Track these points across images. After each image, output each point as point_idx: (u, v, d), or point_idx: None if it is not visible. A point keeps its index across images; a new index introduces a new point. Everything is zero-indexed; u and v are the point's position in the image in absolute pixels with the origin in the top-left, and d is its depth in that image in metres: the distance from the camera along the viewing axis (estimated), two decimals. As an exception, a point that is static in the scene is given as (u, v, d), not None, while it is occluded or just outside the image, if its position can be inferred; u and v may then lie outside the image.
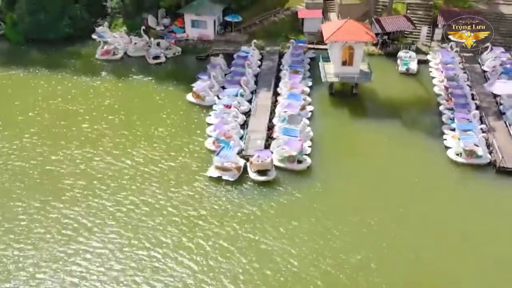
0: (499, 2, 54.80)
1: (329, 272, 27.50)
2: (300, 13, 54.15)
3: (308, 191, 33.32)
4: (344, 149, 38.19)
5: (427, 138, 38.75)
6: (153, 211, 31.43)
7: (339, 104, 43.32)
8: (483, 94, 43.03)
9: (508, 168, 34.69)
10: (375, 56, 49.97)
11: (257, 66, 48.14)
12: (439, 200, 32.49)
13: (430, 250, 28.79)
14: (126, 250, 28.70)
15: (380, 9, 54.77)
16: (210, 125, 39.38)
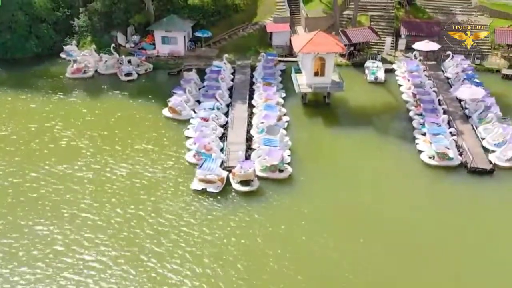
0: (457, 12, 57.83)
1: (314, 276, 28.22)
2: (268, 27, 55.40)
3: (291, 199, 33.90)
4: (322, 157, 39.09)
5: (400, 143, 40.26)
6: (141, 225, 31.23)
7: (313, 114, 44.41)
8: (448, 99, 45.13)
9: (479, 168, 36.45)
10: (343, 66, 51.58)
11: (230, 79, 48.90)
12: (416, 201, 33.76)
13: (407, 249, 29.67)
14: (120, 262, 28.56)
15: (345, 22, 56.75)
16: (189, 138, 39.64)
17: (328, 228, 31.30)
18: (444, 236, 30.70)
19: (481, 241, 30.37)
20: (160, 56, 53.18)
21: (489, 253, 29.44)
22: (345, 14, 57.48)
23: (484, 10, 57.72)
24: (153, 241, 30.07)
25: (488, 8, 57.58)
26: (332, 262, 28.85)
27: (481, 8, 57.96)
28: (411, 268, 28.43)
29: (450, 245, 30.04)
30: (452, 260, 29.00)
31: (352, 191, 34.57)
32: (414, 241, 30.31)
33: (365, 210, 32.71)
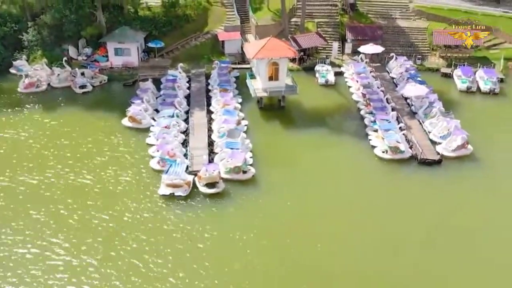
0: (396, 17, 61.36)
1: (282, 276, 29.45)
2: (220, 35, 56.70)
3: (255, 198, 35.06)
4: (282, 157, 40.55)
5: (354, 140, 42.39)
6: (114, 235, 31.43)
7: (270, 117, 45.89)
8: (395, 98, 47.92)
9: (428, 159, 39.06)
10: (294, 71, 53.33)
11: (186, 88, 49.70)
12: (374, 193, 35.79)
13: (369, 239, 31.36)
14: (97, 268, 28.71)
15: (293, 28, 58.93)
16: (151, 146, 40.13)
17: (290, 227, 32.39)
18: (402, 224, 32.66)
19: (435, 224, 32.61)
20: (114, 68, 53.25)
21: (442, 236, 31.61)
22: (293, 21, 59.72)
23: (421, 14, 61.64)
24: (125, 248, 30.43)
25: (425, 12, 61.54)
26: (293, 260, 29.82)
27: (418, 13, 61.86)
28: (371, 258, 29.93)
29: (408, 232, 31.99)
30: (411, 247, 30.89)
31: (312, 188, 36.13)
32: (374, 232, 32.02)
33: (326, 205, 34.27)
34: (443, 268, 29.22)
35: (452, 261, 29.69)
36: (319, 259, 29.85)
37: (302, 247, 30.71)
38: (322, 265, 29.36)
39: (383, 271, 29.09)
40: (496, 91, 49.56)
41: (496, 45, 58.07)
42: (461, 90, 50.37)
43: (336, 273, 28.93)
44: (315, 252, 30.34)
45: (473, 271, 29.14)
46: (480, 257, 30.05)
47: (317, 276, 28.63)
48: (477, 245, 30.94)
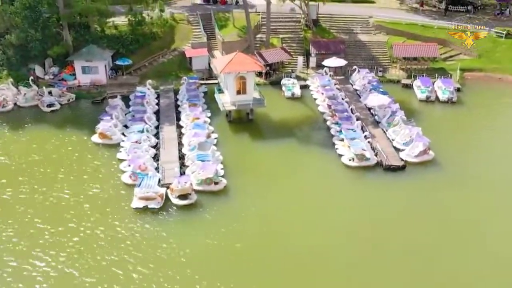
0: (357, 32, 63.71)
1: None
2: (187, 52, 57.59)
3: (228, 209, 35.73)
4: (252, 168, 41.31)
5: (321, 149, 43.64)
6: (88, 250, 31.53)
7: (239, 130, 46.82)
8: (359, 108, 49.62)
9: (393, 165, 40.63)
10: (261, 85, 54.43)
11: (155, 104, 50.21)
12: (342, 199, 37.06)
13: (339, 243, 32.46)
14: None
15: (259, 44, 60.41)
16: (122, 161, 40.40)
17: (262, 235, 33.18)
18: (370, 227, 33.84)
19: (401, 227, 33.96)
20: (81, 86, 53.28)
21: (408, 237, 32.99)
22: (258, 37, 61.27)
23: (381, 28, 64.19)
24: (100, 261, 30.61)
25: (385, 27, 64.12)
26: (265, 266, 30.50)
27: (378, 27, 64.39)
28: (341, 262, 31.01)
29: (376, 235, 33.20)
30: (379, 249, 32.06)
31: (283, 197, 37.12)
32: (343, 235, 33.14)
33: (297, 213, 35.19)
34: (406, 269, 30.50)
35: (416, 262, 30.95)
36: (291, 264, 30.58)
37: (274, 253, 31.41)
38: (294, 270, 30.13)
39: (352, 272, 30.09)
40: (453, 100, 51.93)
41: (452, 56, 60.93)
42: (421, 100, 52.55)
43: (308, 276, 29.72)
44: (287, 258, 31.04)
45: (438, 269, 30.44)
46: (443, 257, 31.37)
47: (289, 280, 29.48)
48: (441, 245, 32.31)
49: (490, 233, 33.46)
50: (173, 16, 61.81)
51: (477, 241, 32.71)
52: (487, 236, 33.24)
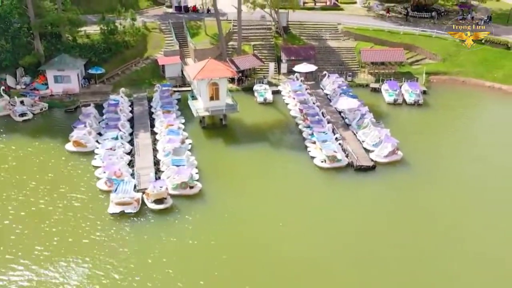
0: (327, 38, 65.31)
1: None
2: (160, 60, 58.11)
3: (203, 212, 36.34)
4: (226, 171, 42.07)
5: (294, 152, 44.64)
6: (68, 254, 31.71)
7: (213, 135, 47.50)
8: (330, 112, 50.94)
9: (363, 166, 41.93)
10: (233, 91, 55.34)
11: (128, 111, 50.54)
12: (316, 199, 38.03)
13: (313, 242, 33.29)
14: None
15: (231, 51, 61.37)
16: (97, 168, 40.64)
17: (237, 237, 33.78)
18: (344, 226, 34.89)
19: (372, 224, 35.10)
20: (54, 95, 53.22)
21: (378, 235, 34.11)
22: (230, 45, 62.28)
23: (349, 34, 65.96)
24: (82, 266, 30.87)
25: (353, 33, 65.91)
26: (239, 269, 31.15)
27: (346, 33, 66.16)
28: (317, 262, 31.73)
29: (349, 233, 34.27)
30: (352, 247, 33.07)
31: (258, 199, 37.80)
32: (318, 235, 34.01)
33: (271, 214, 35.97)
34: (380, 265, 31.58)
35: (387, 259, 32.04)
36: (266, 265, 31.27)
37: (249, 255, 32.11)
38: (269, 270, 30.84)
39: (328, 273, 30.82)
40: (420, 102, 53.78)
41: (418, 61, 63.03)
42: (389, 103, 54.22)
43: (285, 277, 30.43)
44: (262, 259, 31.75)
45: (408, 268, 31.51)
46: (413, 254, 32.56)
47: (264, 280, 30.23)
48: (411, 239, 33.59)
49: (459, 227, 34.93)
50: (145, 25, 62.32)
51: (447, 235, 34.03)
52: (457, 230, 34.68)
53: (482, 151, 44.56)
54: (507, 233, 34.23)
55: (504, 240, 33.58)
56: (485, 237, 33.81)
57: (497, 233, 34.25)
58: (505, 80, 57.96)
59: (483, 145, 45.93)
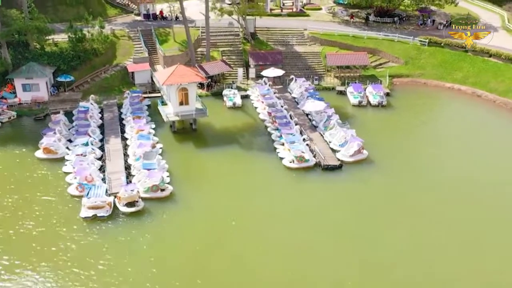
0: (294, 43, 66.92)
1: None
2: (130, 67, 58.62)
3: (175, 214, 37.06)
4: (197, 174, 42.99)
5: (263, 154, 45.76)
6: (42, 261, 31.89)
7: (183, 139, 48.26)
8: (298, 114, 52.33)
9: (330, 165, 43.33)
10: (203, 96, 56.24)
11: (98, 118, 50.84)
12: (285, 199, 39.18)
13: (283, 242, 34.14)
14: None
15: (200, 58, 62.31)
16: (68, 174, 40.87)
17: (209, 237, 34.38)
18: (313, 224, 35.89)
19: (341, 221, 36.30)
20: (22, 104, 53.11)
21: (349, 231, 35.42)
22: (199, 51, 63.25)
23: (315, 40, 67.76)
24: (56, 273, 31.16)
25: (319, 38, 67.72)
26: (210, 271, 31.57)
27: (312, 39, 67.94)
28: (287, 262, 32.51)
29: (319, 230, 35.36)
30: (323, 246, 34.06)
31: (229, 200, 38.60)
32: (287, 234, 34.85)
33: (242, 215, 36.87)
34: (352, 257, 32.88)
35: (354, 252, 33.33)
36: (236, 266, 32.00)
37: (221, 256, 32.74)
38: (240, 272, 31.58)
39: (296, 275, 31.46)
40: (383, 103, 55.72)
41: (382, 64, 65.24)
42: (354, 104, 55.99)
43: (257, 275, 31.30)
44: (234, 260, 32.44)
45: (377, 260, 32.82)
46: (379, 246, 33.99)
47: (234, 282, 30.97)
48: (377, 235, 34.85)
49: (423, 218, 36.58)
50: (114, 33, 62.76)
51: (411, 226, 35.58)
52: (421, 220, 36.32)
53: (443, 148, 46.74)
54: (467, 222, 36.10)
55: (465, 229, 35.40)
56: (449, 226, 35.54)
57: (458, 221, 36.10)
58: (464, 81, 60.61)
59: (443, 142, 48.12)
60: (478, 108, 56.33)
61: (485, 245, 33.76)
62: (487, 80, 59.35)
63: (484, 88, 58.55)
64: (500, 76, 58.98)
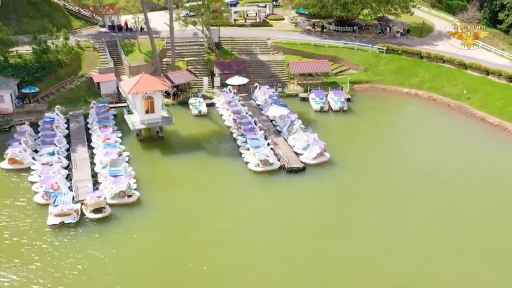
0: (258, 52, 68.61)
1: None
2: (95, 78, 59.04)
3: (141, 218, 37.71)
4: (164, 180, 43.74)
5: (229, 159, 46.98)
6: (8, 272, 32.14)
7: (150, 147, 48.98)
8: (262, 120, 53.76)
9: (294, 168, 44.81)
10: (169, 105, 57.07)
11: (64, 128, 51.08)
12: (251, 201, 40.38)
13: (249, 244, 35.11)
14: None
15: (165, 67, 63.23)
16: (34, 183, 41.06)
17: (176, 242, 35.19)
18: (280, 225, 37.18)
19: (306, 221, 37.62)
20: (-14, 116, 53.00)
21: (312, 230, 36.77)
22: (164, 61, 64.18)
23: (278, 49, 69.62)
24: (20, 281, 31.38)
25: (281, 47, 69.61)
26: (177, 275, 32.31)
27: (275, 48, 69.77)
28: (255, 263, 33.55)
29: (284, 230, 36.64)
30: (290, 239, 35.55)
31: (195, 204, 39.62)
32: (253, 237, 35.89)
33: (209, 218, 37.87)
34: (312, 257, 34.11)
35: (319, 250, 34.68)
36: (206, 269, 32.71)
37: (188, 259, 33.41)
38: (206, 277, 32.27)
39: (265, 275, 32.41)
40: (344, 108, 57.78)
41: (342, 71, 67.52)
42: (316, 110, 57.88)
43: (223, 278, 32.04)
44: (202, 262, 33.22)
45: (342, 258, 34.14)
46: (343, 244, 35.52)
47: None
48: (341, 234, 36.33)
49: (383, 215, 38.31)
50: (79, 44, 63.11)
51: (372, 225, 37.20)
52: (381, 218, 38.04)
53: (401, 148, 49.15)
54: (423, 219, 38.03)
55: (424, 223, 37.34)
56: (407, 224, 37.32)
57: (415, 219, 37.95)
58: (420, 86, 63.44)
59: (401, 143, 50.57)
60: (433, 111, 59.10)
61: (439, 238, 35.75)
62: (441, 84, 62.33)
63: (439, 92, 61.51)
64: (453, 80, 62.04)
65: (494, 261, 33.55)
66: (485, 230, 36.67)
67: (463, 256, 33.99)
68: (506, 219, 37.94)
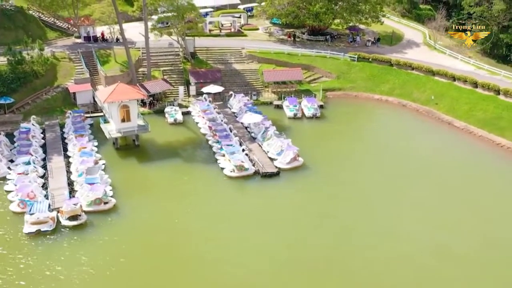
0: (232, 62, 69.87)
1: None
2: (71, 88, 59.37)
3: (118, 225, 38.36)
4: (141, 187, 44.14)
5: (205, 165, 47.87)
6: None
7: (126, 155, 49.48)
8: (237, 127, 54.79)
9: (268, 173, 45.94)
10: (145, 114, 57.52)
11: (40, 138, 51.30)
12: (226, 205, 41.35)
13: (225, 248, 36.04)
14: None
15: (141, 77, 63.92)
16: (9, 192, 41.30)
17: (153, 247, 35.88)
18: (256, 229, 38.13)
19: (281, 225, 38.68)
20: (-39, 127, 52.82)
21: (287, 233, 37.95)
22: (140, 71, 64.88)
23: (253, 58, 70.93)
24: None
25: (256, 56, 70.93)
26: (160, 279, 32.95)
27: (250, 57, 71.09)
28: (229, 268, 34.45)
29: (260, 233, 37.58)
30: (266, 242, 36.55)
31: (172, 210, 40.49)
32: (229, 240, 36.79)
33: (186, 224, 38.76)
34: (291, 259, 35.29)
35: (292, 251, 35.93)
36: (184, 275, 33.51)
37: (164, 265, 34.12)
38: (185, 281, 33.11)
39: (243, 278, 33.36)
40: (317, 115, 59.18)
41: (315, 79, 69.07)
42: (290, 117, 59.15)
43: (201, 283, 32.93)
44: (179, 267, 34.15)
45: (316, 260, 35.51)
46: (314, 247, 36.69)
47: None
48: (313, 236, 37.47)
49: (354, 216, 39.75)
50: (54, 55, 63.36)
51: (344, 228, 38.36)
52: (352, 218, 39.43)
53: (372, 152, 50.73)
54: (393, 217, 39.69)
55: (391, 224, 38.83)
56: (378, 223, 38.86)
57: (385, 218, 39.57)
58: (390, 92, 65.34)
59: (373, 147, 52.04)
60: (403, 116, 60.99)
61: (408, 236, 37.30)
62: (410, 91, 64.35)
63: (408, 98, 63.49)
64: (422, 87, 64.11)
65: (475, 261, 35.24)
66: (452, 226, 38.44)
67: (435, 254, 35.54)
68: (472, 215, 39.98)
